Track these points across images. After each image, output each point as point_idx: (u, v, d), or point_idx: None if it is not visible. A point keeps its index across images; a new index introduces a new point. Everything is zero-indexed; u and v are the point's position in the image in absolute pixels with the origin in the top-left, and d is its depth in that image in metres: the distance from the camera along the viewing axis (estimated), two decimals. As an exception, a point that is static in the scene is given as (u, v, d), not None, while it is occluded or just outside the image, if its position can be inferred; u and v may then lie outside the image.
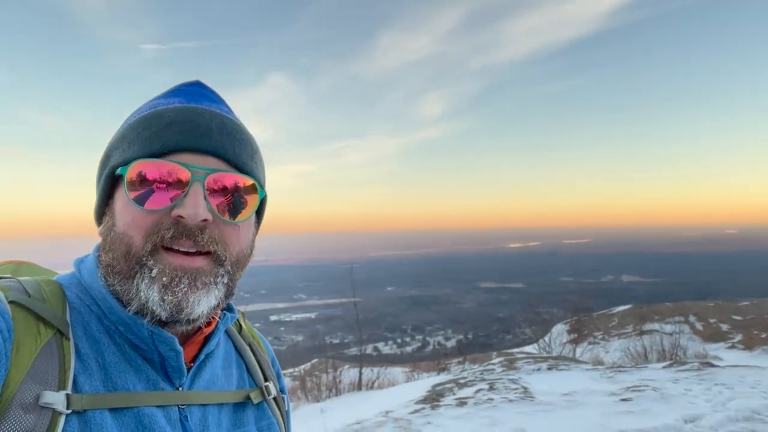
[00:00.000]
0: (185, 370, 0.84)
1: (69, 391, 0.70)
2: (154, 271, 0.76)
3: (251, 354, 1.03)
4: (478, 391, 7.53)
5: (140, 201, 0.78)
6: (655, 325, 18.56)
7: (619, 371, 8.82)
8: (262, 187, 0.91)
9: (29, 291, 0.78)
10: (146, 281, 0.76)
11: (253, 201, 0.86)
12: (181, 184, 0.78)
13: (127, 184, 0.79)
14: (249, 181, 0.85)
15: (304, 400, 9.65)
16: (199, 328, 0.88)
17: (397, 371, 12.07)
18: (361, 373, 10.06)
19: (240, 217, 0.84)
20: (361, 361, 10.42)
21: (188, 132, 0.81)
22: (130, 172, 0.79)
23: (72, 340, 0.76)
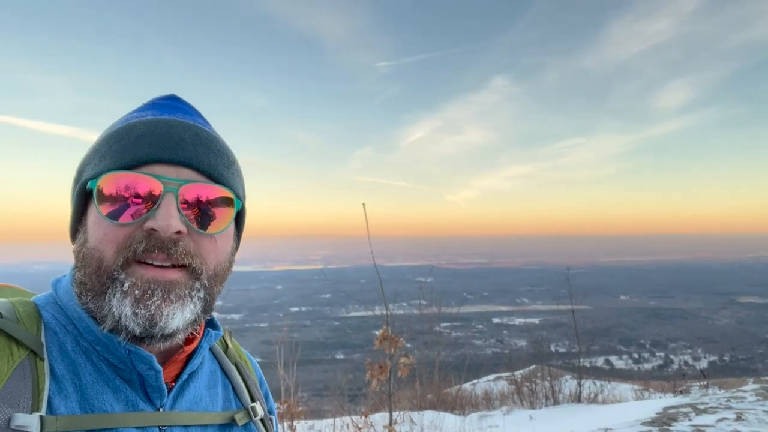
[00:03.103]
0: (165, 390, 0.81)
1: (43, 413, 0.69)
2: (126, 285, 0.74)
3: (237, 374, 0.99)
4: (720, 420, 6.43)
5: (111, 215, 0.76)
6: None
7: None
8: (240, 198, 0.87)
9: (2, 312, 0.76)
10: (118, 296, 0.74)
11: (229, 212, 0.84)
12: (153, 196, 0.76)
13: (98, 198, 0.76)
14: (225, 192, 0.83)
15: (519, 406, 9.46)
16: (180, 346, 0.85)
17: (625, 387, 10.98)
18: (580, 385, 9.44)
19: (215, 229, 0.81)
20: (580, 371, 9.77)
21: (160, 144, 0.79)
22: (101, 185, 0.77)
23: (47, 361, 0.73)
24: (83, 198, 0.82)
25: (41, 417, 0.67)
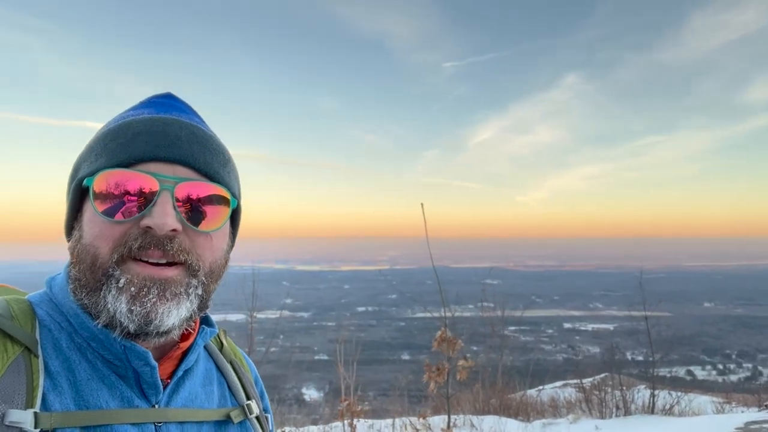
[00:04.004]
0: (161, 387, 0.81)
1: (37, 409, 0.69)
2: (121, 281, 0.74)
3: (233, 372, 0.99)
4: (812, 439, 5.93)
5: (107, 212, 0.76)
6: None
7: None
8: (235, 196, 0.88)
9: None
10: (113, 292, 0.74)
11: (224, 210, 0.84)
12: (148, 194, 0.76)
13: (94, 195, 0.77)
14: (220, 190, 0.84)
15: (586, 415, 9.11)
16: (176, 342, 0.86)
17: (704, 400, 10.32)
18: (653, 395, 8.97)
19: (211, 226, 0.82)
20: (653, 381, 9.28)
21: (156, 142, 0.80)
22: (96, 183, 0.77)
23: (41, 358, 0.74)
24: (79, 195, 0.82)
25: (35, 413, 0.68)
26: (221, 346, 1.02)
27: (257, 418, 0.96)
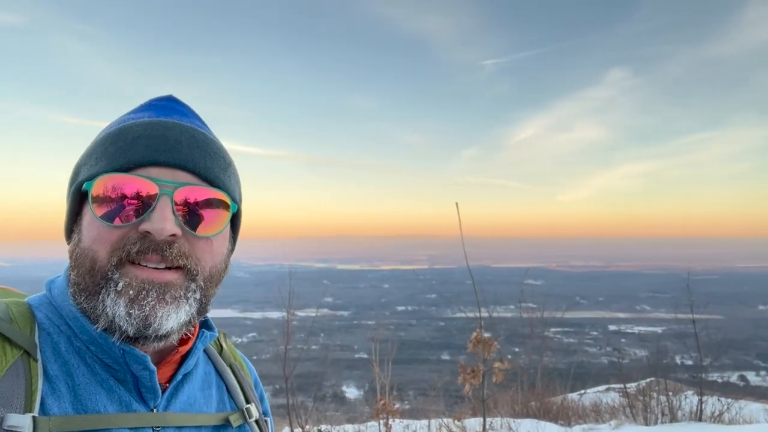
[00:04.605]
0: (159, 391, 0.81)
1: (36, 413, 0.68)
2: (120, 285, 0.74)
3: (232, 375, 0.98)
4: None
5: (106, 216, 0.76)
6: None
7: None
8: (235, 201, 0.87)
9: None
10: (112, 296, 0.74)
11: (224, 215, 0.84)
12: (148, 199, 0.76)
13: (93, 200, 0.77)
14: (220, 195, 0.83)
15: (630, 421, 8.84)
16: (174, 346, 0.85)
17: (757, 407, 9.84)
18: (701, 402, 8.63)
19: (210, 231, 0.81)
20: (701, 386, 8.92)
21: (156, 146, 0.79)
22: (96, 187, 0.77)
23: (40, 362, 0.73)
24: (78, 199, 0.82)
25: (34, 417, 0.68)
26: (221, 350, 1.02)
27: (257, 422, 0.95)
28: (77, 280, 0.79)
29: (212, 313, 0.93)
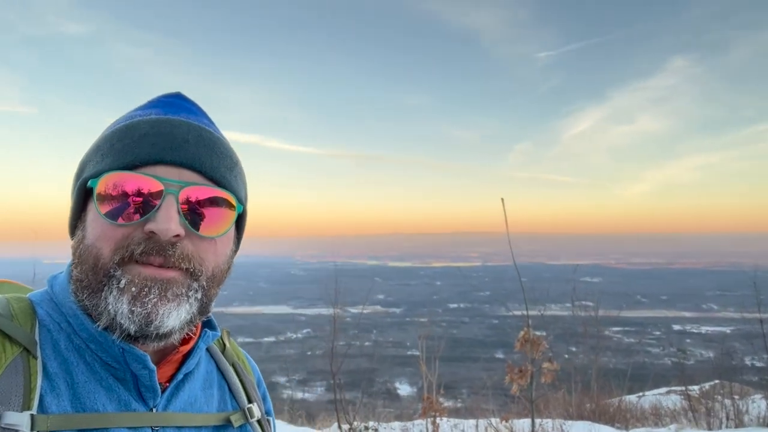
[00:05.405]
0: (159, 390, 0.80)
1: (34, 411, 0.68)
2: (123, 282, 0.74)
3: (234, 374, 0.97)
4: None
5: (110, 214, 0.75)
6: None
7: None
8: (241, 201, 0.87)
9: None
10: (114, 293, 0.74)
11: (229, 215, 0.83)
12: (153, 198, 0.75)
13: (97, 197, 0.76)
14: (226, 195, 0.82)
15: (692, 425, 8.45)
16: (176, 346, 0.84)
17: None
18: (769, 407, 8.15)
19: (215, 232, 0.81)
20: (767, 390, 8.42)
21: (163, 144, 0.79)
22: (101, 185, 0.76)
23: (40, 359, 0.73)
24: (83, 195, 0.82)
25: (32, 415, 0.67)
26: (224, 348, 1.01)
27: (258, 421, 0.94)
28: (80, 277, 0.79)
29: (269, 309, 0.92)
